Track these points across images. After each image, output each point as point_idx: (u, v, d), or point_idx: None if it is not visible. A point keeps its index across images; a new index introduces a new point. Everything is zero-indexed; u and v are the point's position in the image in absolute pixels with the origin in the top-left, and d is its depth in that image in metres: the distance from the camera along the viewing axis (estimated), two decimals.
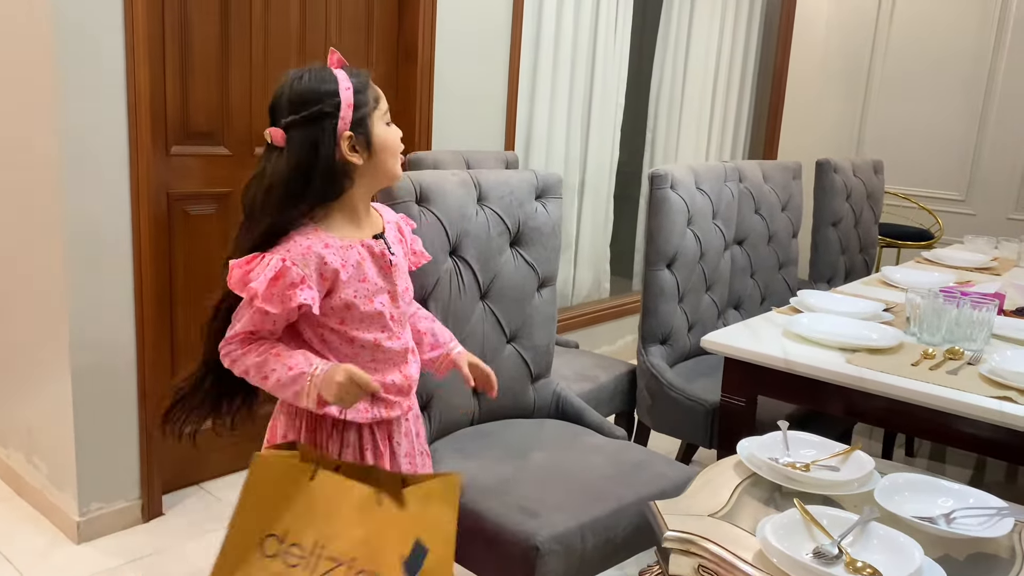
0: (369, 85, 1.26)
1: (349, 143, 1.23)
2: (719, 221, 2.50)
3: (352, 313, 1.27)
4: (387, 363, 1.32)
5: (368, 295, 1.27)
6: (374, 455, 1.34)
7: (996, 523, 1.28)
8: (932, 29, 4.36)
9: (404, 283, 1.35)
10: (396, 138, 1.29)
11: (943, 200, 4.42)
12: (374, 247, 1.29)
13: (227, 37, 2.33)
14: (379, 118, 1.26)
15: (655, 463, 1.74)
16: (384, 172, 1.29)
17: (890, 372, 1.65)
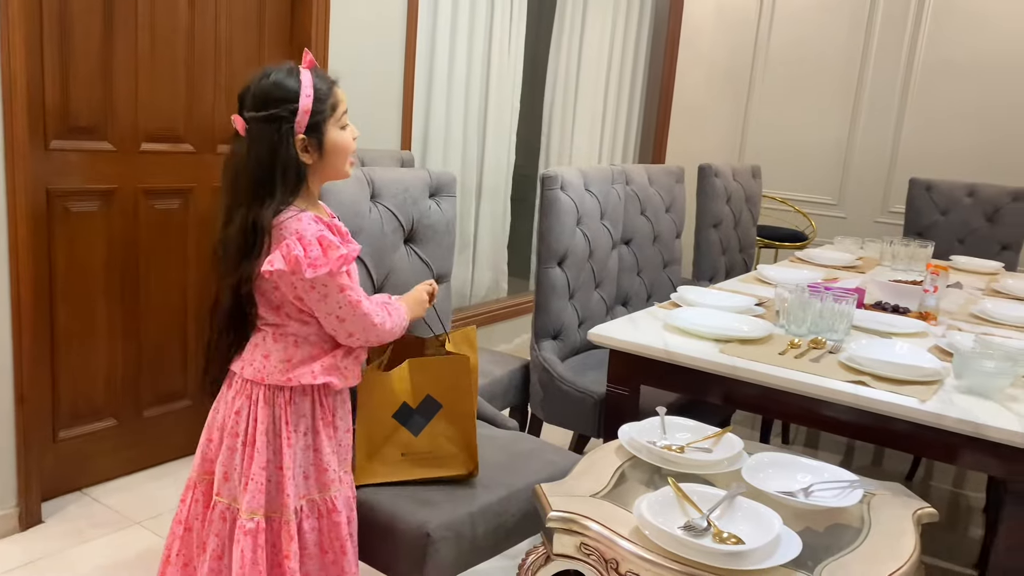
0: (331, 93, 1.37)
1: (302, 144, 1.35)
2: (607, 221, 2.61)
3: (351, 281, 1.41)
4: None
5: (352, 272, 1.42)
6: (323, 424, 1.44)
7: (848, 494, 1.41)
8: (808, 40, 4.65)
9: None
10: (349, 141, 1.40)
11: (817, 204, 4.71)
12: (340, 226, 1.44)
13: (111, 30, 2.27)
14: (334, 123, 1.37)
15: (545, 452, 1.81)
16: (333, 171, 1.41)
17: (760, 361, 1.77)
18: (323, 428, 1.44)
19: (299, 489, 1.42)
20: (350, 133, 1.41)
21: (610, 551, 1.25)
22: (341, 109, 1.39)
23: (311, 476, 1.44)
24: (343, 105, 1.40)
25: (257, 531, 1.37)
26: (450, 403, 1.59)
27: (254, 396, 1.40)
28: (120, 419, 2.47)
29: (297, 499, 1.41)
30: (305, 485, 1.43)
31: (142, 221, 2.42)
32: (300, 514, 1.42)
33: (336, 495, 1.45)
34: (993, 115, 4.19)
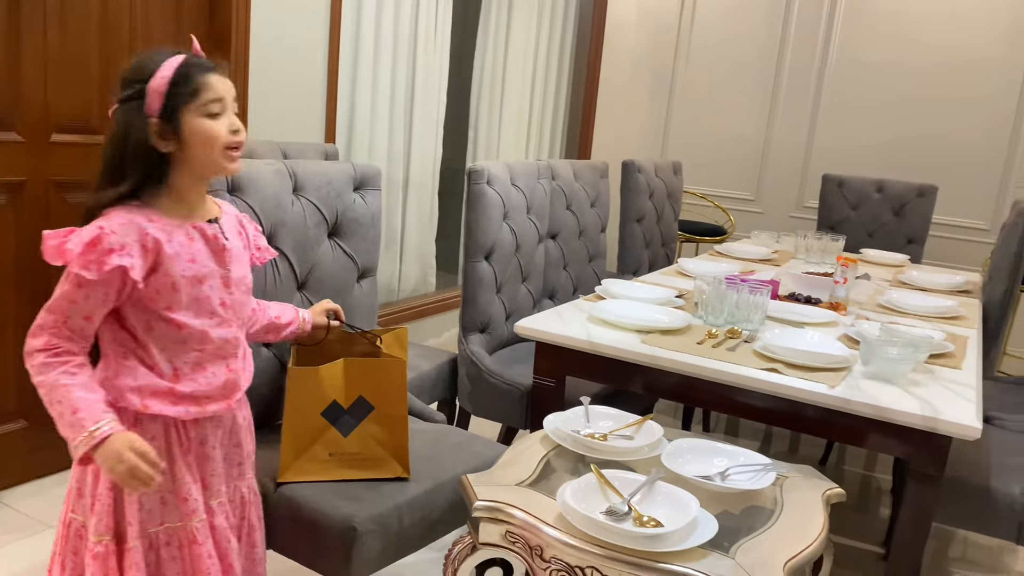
0: (197, 78, 1.24)
1: (155, 129, 1.23)
2: (533, 216, 2.64)
3: (178, 296, 1.26)
4: (214, 356, 1.32)
5: (197, 276, 1.28)
6: (181, 452, 1.31)
7: (762, 477, 1.47)
8: (727, 40, 4.79)
9: (241, 271, 1.37)
10: (216, 130, 1.26)
11: (736, 199, 4.86)
12: (206, 229, 1.31)
13: (17, 15, 2.17)
14: (195, 110, 1.24)
15: (472, 444, 1.83)
16: (201, 163, 1.27)
17: (679, 350, 1.83)
18: (181, 456, 1.31)
19: (153, 516, 1.31)
20: (224, 124, 1.27)
21: (535, 538, 1.28)
22: (208, 96, 1.25)
23: (169, 503, 1.32)
24: (212, 92, 1.25)
25: (107, 555, 1.27)
26: (382, 405, 1.59)
27: None
28: (31, 420, 2.38)
29: (150, 526, 1.31)
30: (161, 512, 1.31)
31: (54, 215, 2.33)
32: (156, 541, 1.31)
33: (197, 525, 1.33)
34: (901, 114, 4.39)
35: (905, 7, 4.32)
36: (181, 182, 1.28)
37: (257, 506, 1.50)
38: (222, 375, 1.33)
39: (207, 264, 1.30)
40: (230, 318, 1.34)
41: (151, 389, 1.26)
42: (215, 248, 1.31)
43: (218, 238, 1.31)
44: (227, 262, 1.33)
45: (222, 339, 1.32)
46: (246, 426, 1.46)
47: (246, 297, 1.40)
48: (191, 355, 1.30)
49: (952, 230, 4.34)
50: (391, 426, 1.60)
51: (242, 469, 1.45)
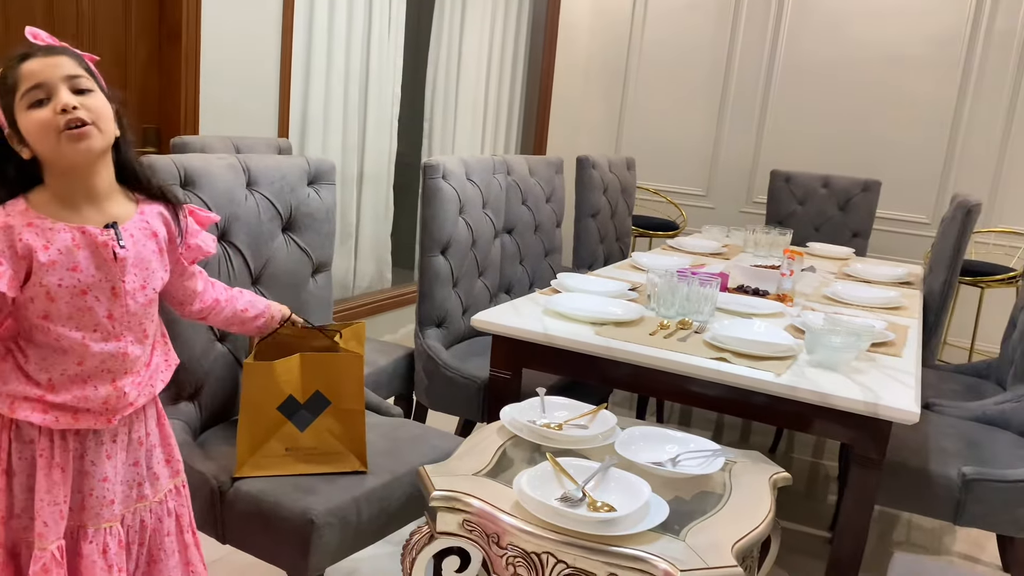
0: (8, 74, 1.14)
1: (14, 140, 1.16)
2: (489, 211, 2.66)
3: (56, 306, 1.16)
4: (98, 370, 1.21)
5: (78, 287, 1.17)
6: (49, 467, 1.21)
7: (711, 462, 1.52)
8: (678, 39, 4.86)
9: (139, 280, 1.22)
10: (38, 120, 1.13)
11: (688, 195, 4.94)
12: (96, 235, 1.17)
13: None
14: (21, 106, 1.13)
15: (429, 437, 1.84)
16: (50, 158, 1.15)
17: (632, 341, 1.87)
18: (46, 467, 1.21)
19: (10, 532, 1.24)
20: (48, 110, 1.12)
21: (492, 526, 1.30)
22: (24, 86, 1.13)
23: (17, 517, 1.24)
24: (27, 81, 1.13)
25: None
26: (339, 400, 1.60)
27: None
28: None
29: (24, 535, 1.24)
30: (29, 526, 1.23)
31: None
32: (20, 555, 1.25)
33: (37, 553, 1.20)
34: (846, 111, 4.51)
35: (849, 7, 4.44)
36: (55, 182, 1.17)
37: (161, 537, 1.36)
38: (104, 392, 1.21)
39: (92, 273, 1.17)
40: (120, 332, 1.21)
41: (22, 394, 1.19)
42: (104, 256, 1.18)
43: (108, 245, 1.18)
44: (119, 272, 1.19)
45: (106, 353, 1.20)
46: (149, 444, 1.33)
47: (145, 308, 1.25)
48: (70, 368, 1.20)
49: (895, 224, 4.48)
50: (348, 421, 1.61)
51: (141, 491, 1.32)
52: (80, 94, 1.15)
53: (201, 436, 1.74)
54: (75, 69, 1.16)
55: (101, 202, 1.20)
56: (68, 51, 1.18)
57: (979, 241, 4.22)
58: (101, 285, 1.19)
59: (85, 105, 1.14)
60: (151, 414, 1.34)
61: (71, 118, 1.13)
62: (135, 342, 1.24)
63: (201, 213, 1.38)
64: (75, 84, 1.15)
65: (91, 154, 1.16)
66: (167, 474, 1.38)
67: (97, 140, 1.16)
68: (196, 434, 1.73)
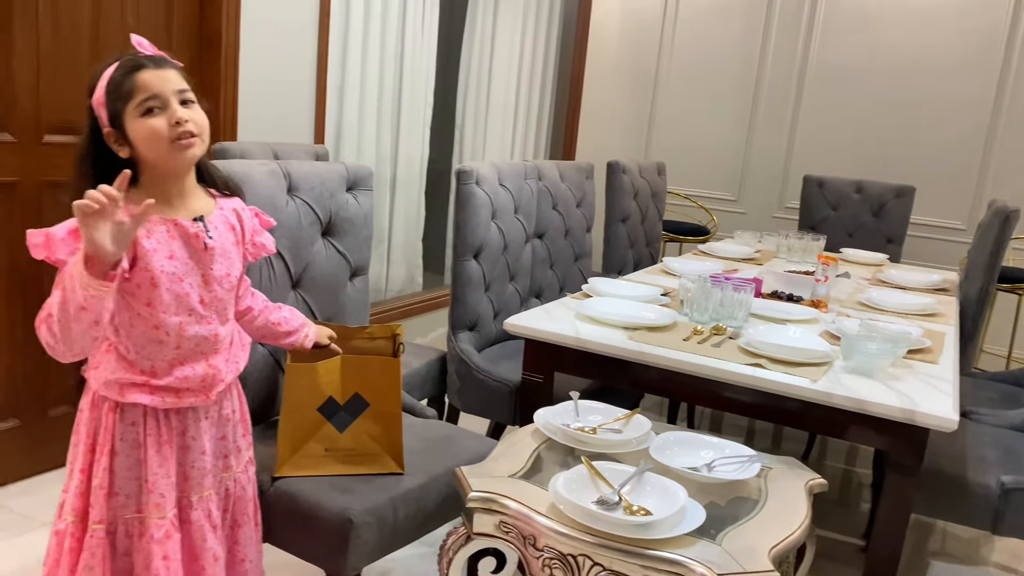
0: (126, 79, 1.24)
1: (112, 138, 1.27)
2: (520, 216, 2.68)
3: (158, 292, 1.27)
4: (192, 353, 1.33)
5: (176, 273, 1.29)
6: (159, 444, 1.32)
7: (747, 468, 1.52)
8: (709, 42, 4.85)
9: (224, 268, 1.36)
10: (152, 129, 1.24)
11: (718, 200, 4.92)
12: (188, 227, 1.31)
13: (9, 17, 2.18)
14: (132, 112, 1.24)
15: (463, 438, 1.86)
16: (153, 163, 1.27)
17: (666, 347, 1.87)
18: (155, 445, 1.32)
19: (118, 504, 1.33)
20: (163, 119, 1.25)
21: (528, 527, 1.32)
22: (140, 95, 1.24)
23: (133, 494, 1.33)
24: (144, 91, 1.24)
25: (64, 534, 1.32)
26: (377, 403, 1.63)
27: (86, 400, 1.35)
28: (23, 419, 2.39)
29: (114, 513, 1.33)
30: (126, 501, 1.33)
31: (46, 215, 2.34)
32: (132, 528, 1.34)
33: (157, 522, 1.32)
34: (879, 115, 4.47)
35: (883, 9, 4.41)
36: (152, 181, 1.29)
37: (245, 503, 1.49)
38: (201, 370, 1.34)
39: (186, 261, 1.30)
40: (209, 315, 1.34)
41: (128, 381, 1.30)
42: (195, 246, 1.31)
43: (199, 236, 1.31)
44: (208, 260, 1.33)
45: (200, 336, 1.33)
46: (235, 420, 1.47)
47: (229, 294, 1.39)
48: (168, 354, 1.31)
49: (930, 230, 4.43)
50: (386, 423, 1.63)
51: (227, 462, 1.46)
52: (186, 105, 1.28)
53: None
54: (182, 83, 1.29)
55: (188, 199, 1.34)
56: (174, 64, 1.31)
57: (1017, 248, 4.16)
58: (194, 272, 1.32)
59: (193, 118, 1.28)
60: (235, 392, 1.48)
61: (183, 131, 1.26)
62: (221, 324, 1.37)
63: (264, 216, 1.50)
64: (184, 96, 1.28)
65: (192, 161, 1.32)
66: (245, 446, 1.52)
67: (200, 149, 1.31)
68: None
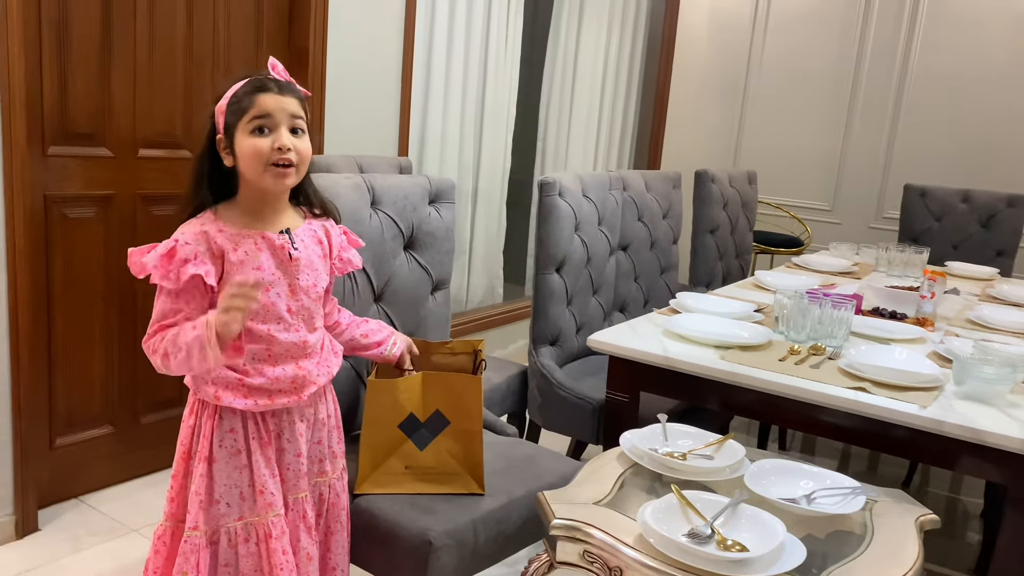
0: (248, 96, 1.30)
1: (221, 145, 1.33)
2: (604, 227, 2.61)
3: None
4: (283, 356, 1.37)
5: (263, 283, 1.32)
6: (262, 447, 1.37)
7: (850, 501, 1.41)
8: (801, 47, 4.68)
9: (311, 279, 1.40)
10: (256, 148, 1.29)
11: (812, 210, 4.73)
12: (274, 239, 1.35)
13: (109, 36, 2.26)
14: (243, 126, 1.30)
15: (544, 458, 1.81)
16: (249, 178, 1.33)
17: (760, 367, 1.77)
18: (259, 449, 1.37)
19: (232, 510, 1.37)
20: (268, 141, 1.29)
21: (614, 559, 1.25)
22: (254, 112, 1.29)
23: (247, 497, 1.37)
24: (258, 109, 1.29)
25: (160, 539, 1.39)
26: (458, 421, 1.60)
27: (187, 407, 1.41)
28: (117, 426, 2.46)
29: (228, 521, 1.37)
30: (240, 506, 1.37)
31: (140, 227, 2.41)
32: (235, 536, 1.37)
33: (274, 520, 1.37)
34: (986, 121, 4.21)
35: (988, 12, 4.15)
36: (248, 195, 1.35)
37: (339, 510, 1.52)
38: (291, 371, 1.37)
39: (273, 272, 1.35)
40: (297, 323, 1.38)
41: (224, 382, 1.33)
42: (281, 257, 1.35)
43: (285, 248, 1.36)
44: (294, 271, 1.37)
45: (289, 343, 1.37)
46: (330, 424, 1.50)
47: (316, 304, 1.42)
48: (260, 354, 1.35)
49: None
50: (466, 442, 1.59)
51: (323, 467, 1.49)
52: (295, 134, 1.32)
53: None
54: (298, 111, 1.33)
55: (279, 215, 1.39)
56: (298, 92, 1.35)
57: None
58: (281, 282, 1.36)
59: (297, 148, 1.32)
60: (330, 397, 1.51)
61: (283, 158, 1.30)
62: (309, 331, 1.41)
63: (352, 235, 1.53)
64: (294, 124, 1.32)
65: (285, 189, 1.37)
66: (340, 452, 1.54)
67: (293, 179, 1.34)
68: None
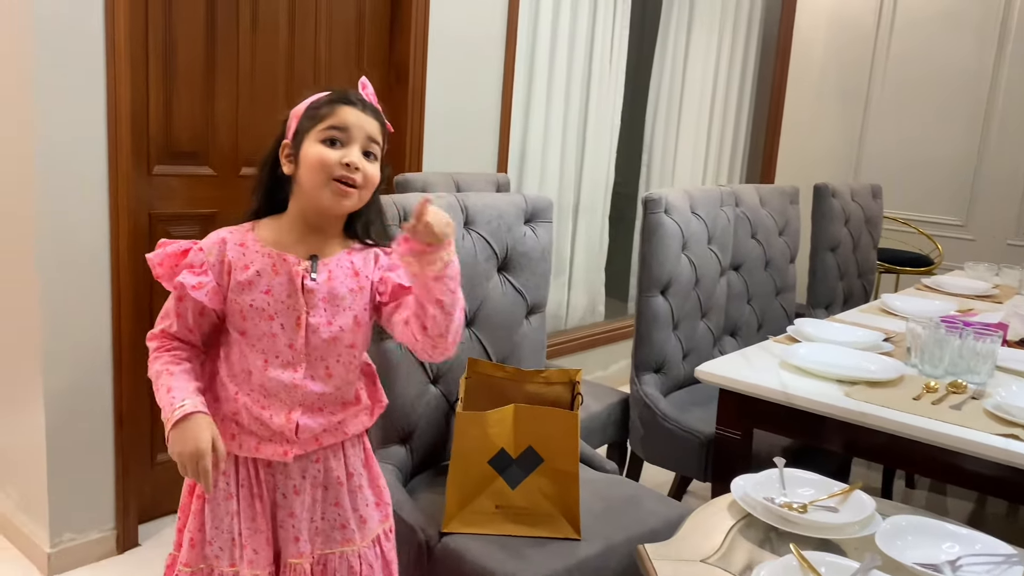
0: (328, 105, 1.20)
1: (285, 151, 1.23)
2: (715, 246, 2.45)
3: (246, 324, 1.21)
4: (274, 398, 1.21)
5: (267, 311, 1.20)
6: (251, 496, 1.24)
7: (1004, 572, 1.21)
8: (932, 51, 4.34)
9: (325, 318, 1.21)
10: (324, 157, 1.17)
11: (942, 225, 4.37)
12: (293, 264, 1.20)
13: (213, 56, 2.28)
14: (315, 134, 1.19)
15: (646, 500, 1.67)
16: (306, 189, 1.19)
17: (891, 406, 1.59)
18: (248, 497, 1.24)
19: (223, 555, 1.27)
20: (337, 154, 1.17)
21: None
22: (330, 121, 1.18)
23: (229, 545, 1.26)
24: (335, 120, 1.18)
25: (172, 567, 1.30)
26: (552, 459, 1.49)
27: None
28: None
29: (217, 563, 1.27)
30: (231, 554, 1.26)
31: None
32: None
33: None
34: None
35: None
36: (297, 211, 1.23)
37: None
38: (278, 421, 1.21)
39: (282, 300, 1.20)
40: (297, 363, 1.21)
41: (220, 412, 1.23)
42: (295, 286, 1.20)
43: (303, 276, 1.20)
44: (306, 303, 1.20)
45: (281, 382, 1.20)
46: (352, 486, 1.30)
47: (331, 345, 1.22)
48: (254, 389, 1.22)
49: None
50: (561, 482, 1.48)
51: (346, 534, 1.29)
52: (367, 157, 1.21)
53: (411, 482, 1.69)
54: (376, 135, 1.22)
55: (324, 241, 1.24)
56: (380, 117, 1.24)
57: None
58: (288, 313, 1.21)
59: (365, 171, 1.19)
60: (354, 453, 1.31)
61: (348, 176, 1.18)
62: (314, 378, 1.23)
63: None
64: (369, 147, 1.21)
65: (342, 210, 1.21)
66: (377, 518, 1.35)
67: (353, 203, 1.21)
68: (406, 479, 1.68)
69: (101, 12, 1.95)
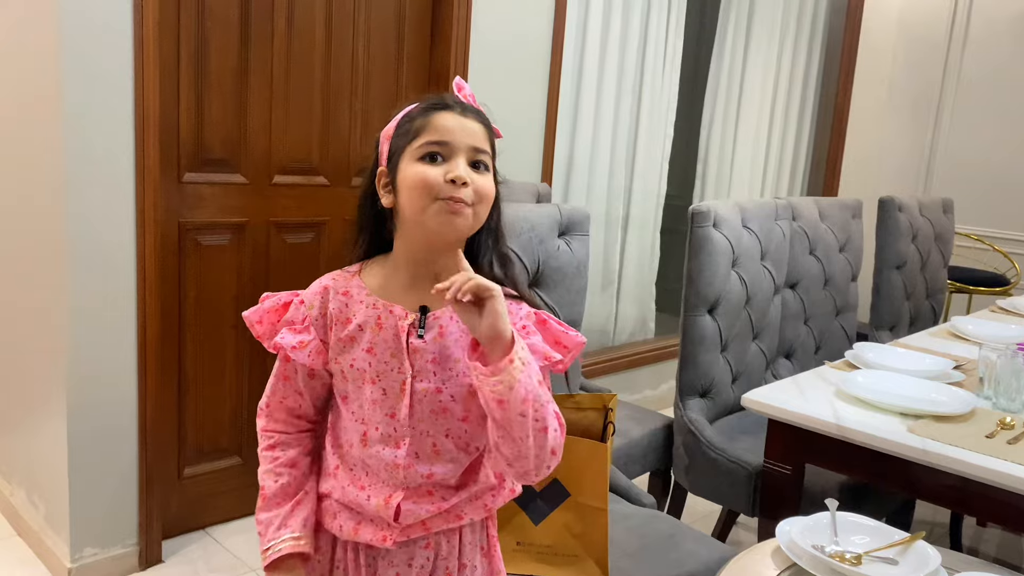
0: (422, 115, 1.02)
1: (382, 179, 1.04)
2: (768, 262, 2.29)
3: (347, 387, 1.05)
4: (375, 477, 1.04)
5: (368, 372, 1.02)
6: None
7: None
8: (1007, 57, 4.08)
9: (435, 381, 1.01)
10: (422, 176, 0.97)
11: (1020, 242, 4.09)
12: (400, 318, 1.01)
13: (246, 62, 2.23)
14: (410, 153, 1.00)
15: (685, 539, 1.54)
16: (409, 217, 0.99)
17: (960, 445, 1.42)
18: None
19: None
20: (439, 170, 0.98)
21: None
22: (426, 136, 0.99)
23: None
24: (432, 133, 0.99)
25: None
26: (580, 493, 1.36)
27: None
28: (245, 458, 2.41)
29: None
30: None
31: (273, 255, 2.37)
32: None
33: None
34: None
35: None
36: (404, 247, 1.04)
37: None
38: (375, 502, 1.03)
39: (385, 361, 1.02)
40: (401, 437, 1.02)
41: (326, 483, 1.08)
42: (400, 344, 1.01)
43: (409, 332, 1.01)
44: (412, 365, 1.01)
45: (383, 461, 1.02)
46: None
47: (438, 417, 1.02)
48: (355, 465, 1.05)
49: None
50: (589, 519, 1.36)
51: None
52: (476, 168, 1.01)
53: None
54: (483, 143, 1.03)
55: (433, 284, 0.96)
56: (484, 118, 1.06)
57: None
58: (391, 376, 1.02)
59: (476, 184, 0.99)
60: (472, 541, 1.09)
61: (455, 193, 0.97)
62: (420, 456, 1.03)
63: (558, 326, 1.06)
64: (475, 157, 1.01)
65: (455, 233, 0.99)
66: None
67: (466, 223, 0.99)
68: None
69: (130, 15, 1.91)
